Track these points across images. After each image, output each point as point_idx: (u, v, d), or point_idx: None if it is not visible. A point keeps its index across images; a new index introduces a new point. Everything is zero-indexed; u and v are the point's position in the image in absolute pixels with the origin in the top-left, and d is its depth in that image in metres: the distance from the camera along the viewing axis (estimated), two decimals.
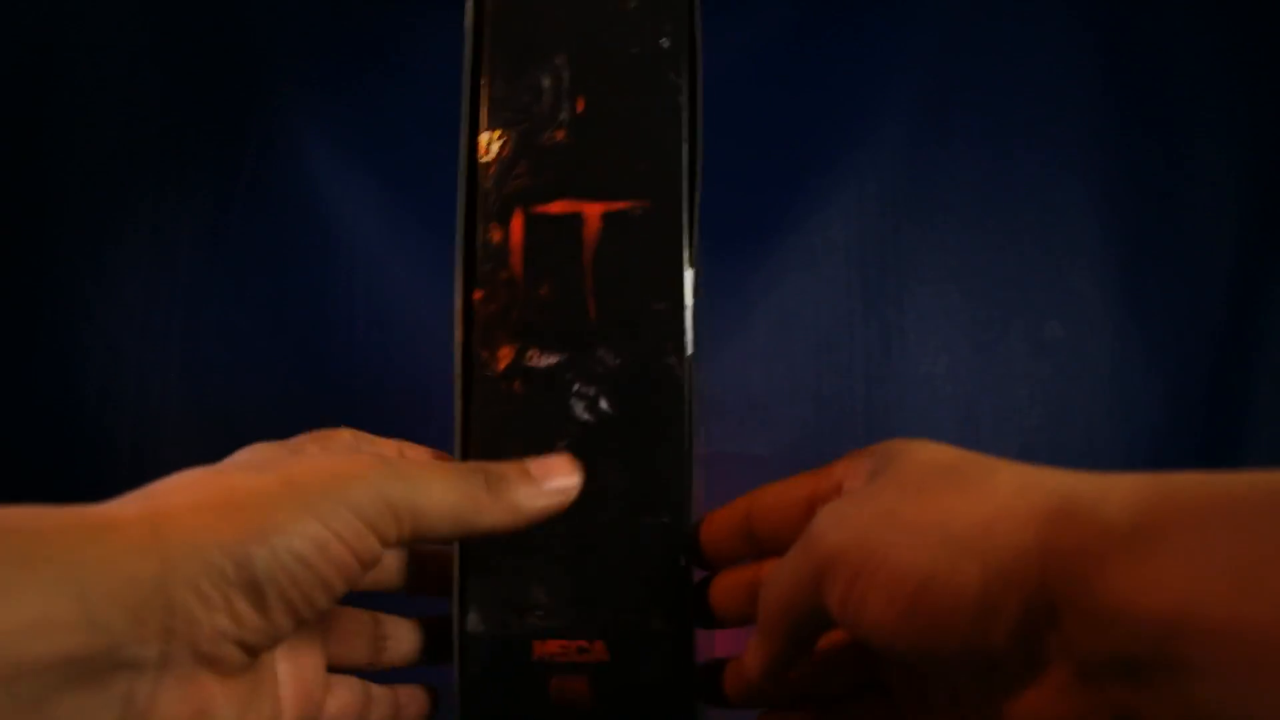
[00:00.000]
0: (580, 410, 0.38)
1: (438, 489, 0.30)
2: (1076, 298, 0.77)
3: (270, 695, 0.30)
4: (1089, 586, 0.23)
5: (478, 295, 0.39)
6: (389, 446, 0.39)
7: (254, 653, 0.27)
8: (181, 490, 0.28)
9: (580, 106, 0.40)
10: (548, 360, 0.39)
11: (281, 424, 0.46)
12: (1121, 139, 0.75)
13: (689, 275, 0.38)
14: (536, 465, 0.34)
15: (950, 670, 0.28)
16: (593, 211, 0.39)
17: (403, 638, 0.39)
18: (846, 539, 0.28)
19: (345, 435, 0.38)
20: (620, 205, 0.39)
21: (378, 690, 0.36)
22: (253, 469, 0.29)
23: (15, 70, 0.67)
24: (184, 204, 0.68)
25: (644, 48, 0.40)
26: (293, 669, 0.32)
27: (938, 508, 0.27)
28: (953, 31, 0.76)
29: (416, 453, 0.39)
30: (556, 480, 0.34)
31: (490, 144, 0.40)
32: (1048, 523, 0.25)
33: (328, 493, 0.28)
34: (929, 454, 0.30)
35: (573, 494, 0.34)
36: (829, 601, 0.28)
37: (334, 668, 0.35)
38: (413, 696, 0.38)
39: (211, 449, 0.45)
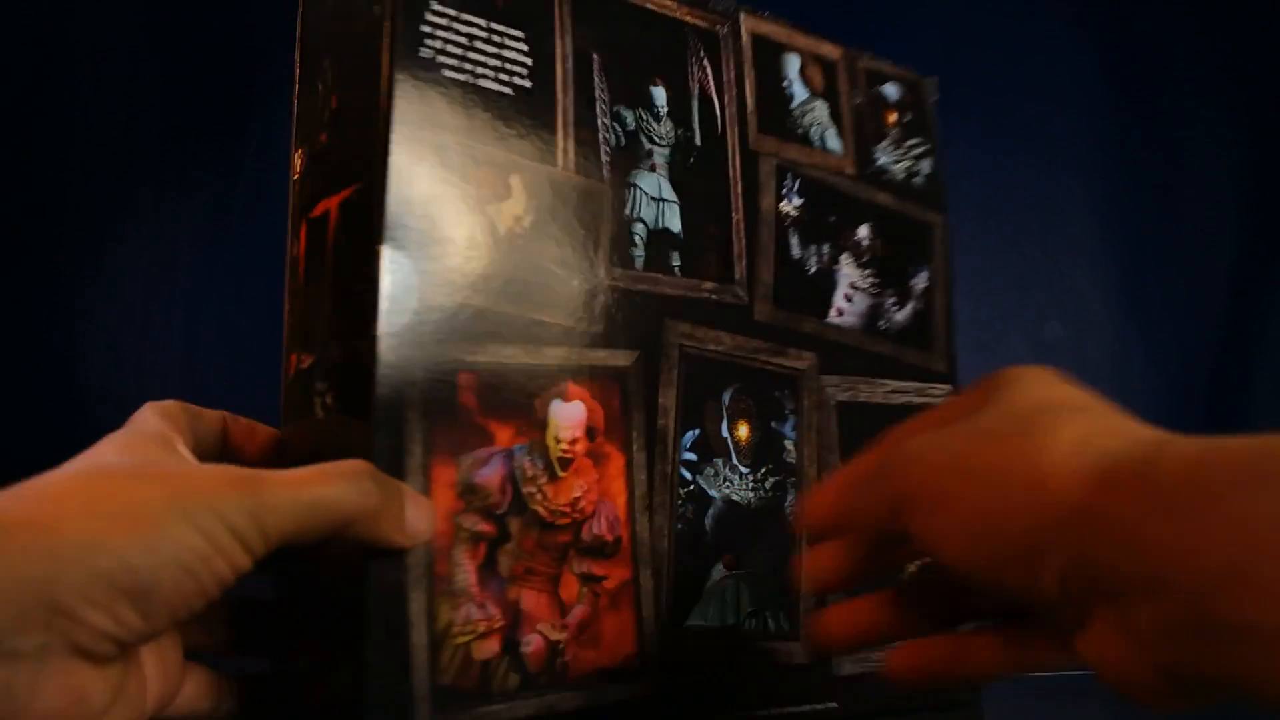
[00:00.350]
0: (318, 408, 0.37)
1: (307, 496, 0.31)
2: (1076, 298, 0.77)
3: (138, 680, 0.31)
4: (1129, 548, 0.24)
5: (286, 309, 0.40)
6: (214, 416, 0.39)
7: (128, 648, 0.29)
8: (72, 495, 0.29)
9: (334, 103, 0.39)
10: (306, 361, 0.38)
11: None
12: (1121, 139, 0.75)
13: (385, 251, 0.35)
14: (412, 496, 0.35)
15: (1022, 604, 0.29)
16: (334, 205, 0.38)
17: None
18: (923, 476, 0.30)
19: (173, 407, 0.38)
20: (347, 192, 0.37)
21: (229, 680, 0.37)
22: (138, 476, 0.31)
23: (15, 70, 0.67)
24: (184, 204, 0.68)
25: (366, 21, 0.38)
26: (157, 656, 0.33)
27: (1002, 455, 0.28)
28: (953, 31, 0.76)
29: (238, 426, 0.40)
30: (414, 522, 0.35)
31: (296, 162, 0.41)
32: (1092, 485, 0.26)
33: (211, 505, 0.29)
34: (1031, 393, 0.31)
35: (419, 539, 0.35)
36: (909, 526, 0.30)
37: (190, 653, 0.36)
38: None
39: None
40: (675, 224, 0.44)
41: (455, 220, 0.38)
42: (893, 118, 0.53)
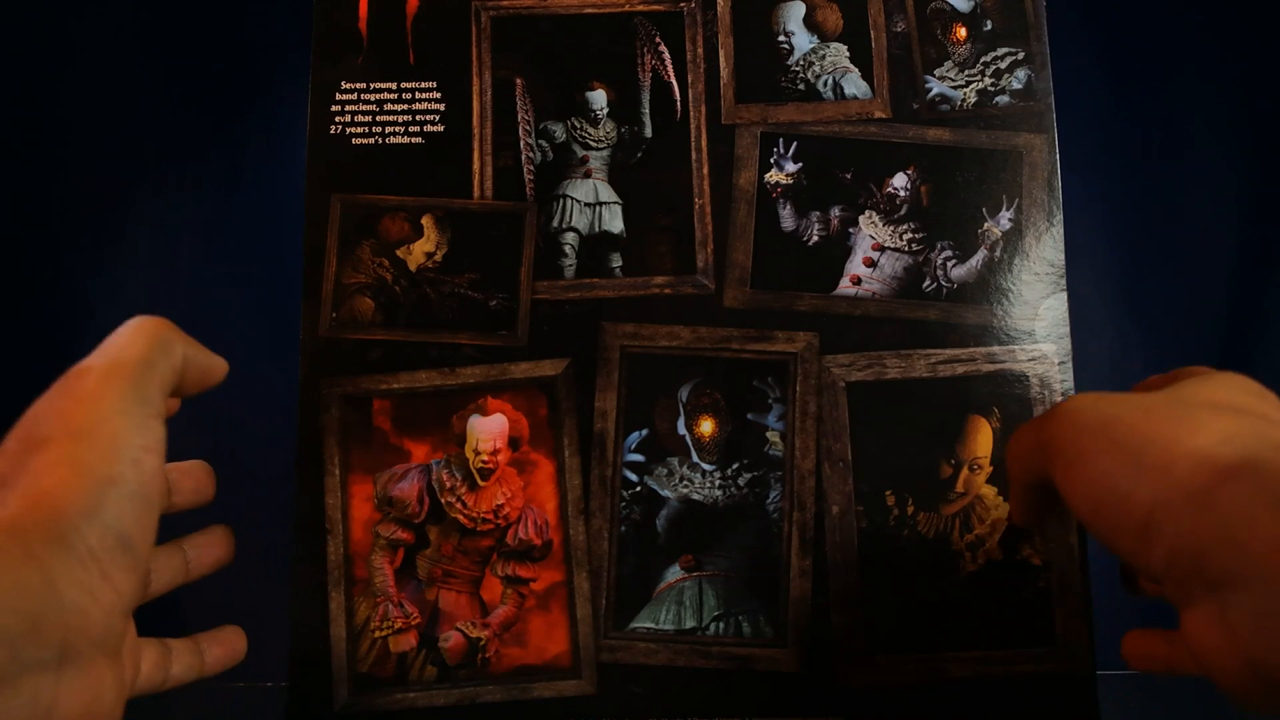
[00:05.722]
0: None
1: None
2: (1076, 298, 0.77)
3: (131, 666, 0.32)
4: (1233, 539, 0.25)
5: None
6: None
7: (131, 614, 0.29)
8: (14, 493, 0.28)
9: None
10: None
11: (282, 424, 0.46)
12: (1121, 139, 0.75)
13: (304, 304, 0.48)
14: None
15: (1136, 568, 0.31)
16: None
17: (162, 568, 0.38)
18: (1072, 432, 0.31)
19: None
20: None
21: (175, 642, 0.37)
22: (41, 444, 0.29)
23: (15, 70, 0.67)
24: (184, 202, 0.68)
25: None
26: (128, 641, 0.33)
27: (1148, 431, 0.29)
28: None
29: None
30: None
31: None
32: (1216, 475, 0.26)
33: (115, 390, 0.30)
34: (1206, 389, 0.32)
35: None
36: (1051, 474, 0.31)
37: None
38: (215, 640, 0.38)
39: (211, 449, 0.45)
40: (616, 225, 0.44)
41: (364, 269, 0.44)
42: (962, 32, 0.47)
